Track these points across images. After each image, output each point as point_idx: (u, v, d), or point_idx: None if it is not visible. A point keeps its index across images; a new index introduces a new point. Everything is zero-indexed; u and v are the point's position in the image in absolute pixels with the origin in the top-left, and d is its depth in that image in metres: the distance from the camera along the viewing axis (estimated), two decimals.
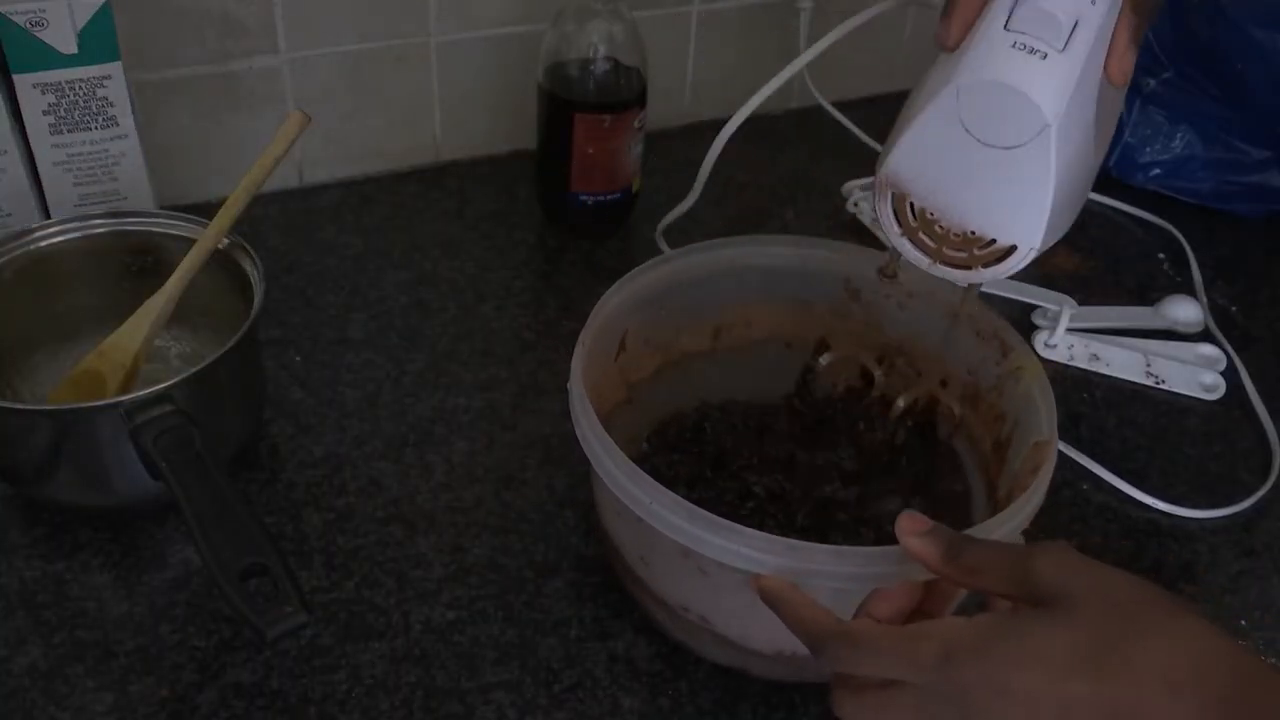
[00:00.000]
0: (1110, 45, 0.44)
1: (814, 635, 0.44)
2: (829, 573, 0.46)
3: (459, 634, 0.58)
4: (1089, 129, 0.46)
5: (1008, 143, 0.43)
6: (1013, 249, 0.46)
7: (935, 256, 0.49)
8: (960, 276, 0.48)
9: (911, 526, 0.44)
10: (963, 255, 0.48)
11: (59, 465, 0.58)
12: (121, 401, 0.55)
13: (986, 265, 0.47)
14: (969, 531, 0.46)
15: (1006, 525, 0.49)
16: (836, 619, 0.44)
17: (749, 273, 0.62)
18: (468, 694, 0.55)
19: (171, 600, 0.58)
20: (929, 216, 0.48)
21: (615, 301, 0.58)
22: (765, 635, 0.51)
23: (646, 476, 0.48)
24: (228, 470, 0.56)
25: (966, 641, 0.39)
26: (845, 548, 0.46)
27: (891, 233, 0.49)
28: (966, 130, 0.44)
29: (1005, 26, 0.43)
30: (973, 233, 0.47)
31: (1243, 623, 0.62)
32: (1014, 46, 0.43)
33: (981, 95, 0.44)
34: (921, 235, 0.49)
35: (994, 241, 0.47)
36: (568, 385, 0.53)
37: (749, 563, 0.46)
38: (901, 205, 0.49)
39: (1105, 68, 0.45)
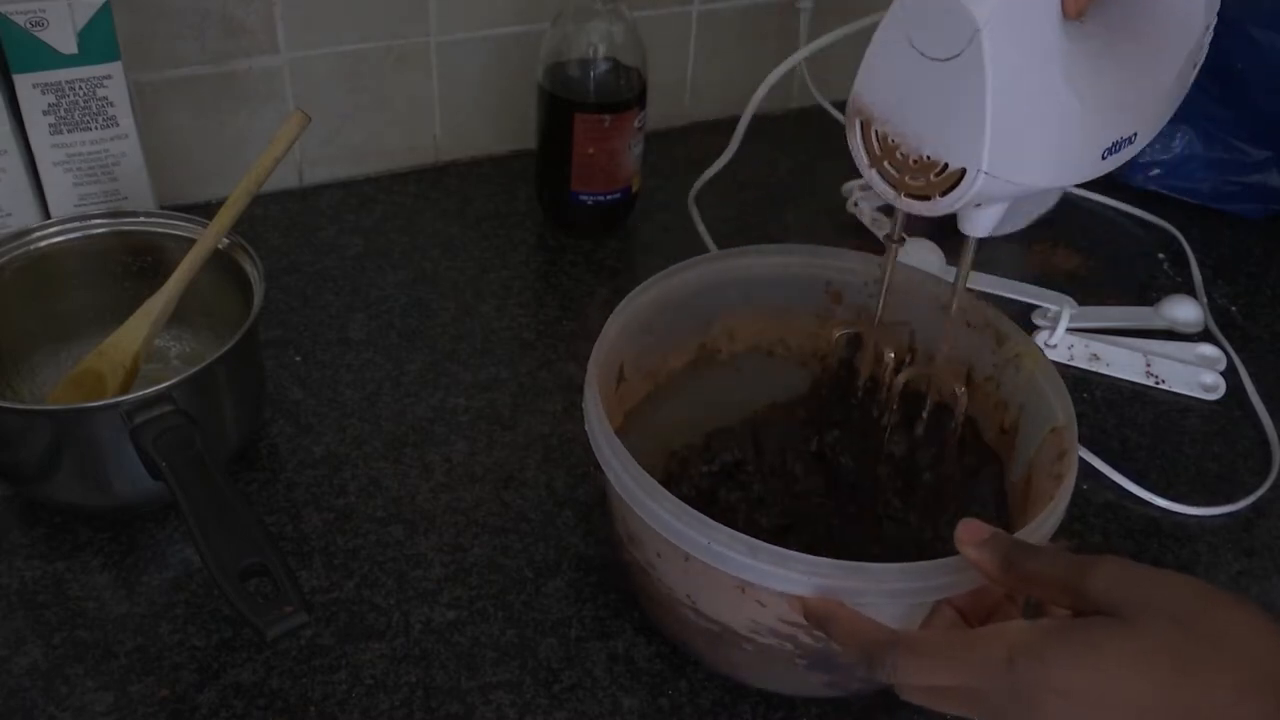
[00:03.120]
0: None
1: (872, 648, 0.44)
2: (893, 590, 0.46)
3: (459, 634, 0.58)
4: (1051, 61, 0.45)
5: (946, 53, 0.43)
6: (964, 173, 0.45)
7: (899, 187, 0.48)
8: (923, 207, 0.47)
9: (970, 535, 0.44)
10: (921, 184, 0.47)
11: (59, 465, 0.58)
12: (121, 401, 0.55)
13: (943, 193, 0.46)
14: (1020, 534, 0.46)
15: (1053, 517, 0.50)
16: (892, 630, 0.44)
17: (730, 286, 0.62)
18: (468, 694, 0.55)
19: (171, 600, 0.58)
20: (890, 143, 0.47)
21: (613, 332, 0.57)
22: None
23: (703, 517, 0.47)
24: (228, 470, 0.56)
25: (1030, 644, 0.39)
26: (908, 564, 0.46)
27: (861, 165, 0.49)
28: (912, 45, 0.44)
29: None
30: (927, 157, 0.46)
31: None
32: None
33: (919, 4, 0.44)
34: (886, 165, 0.48)
35: (946, 167, 0.46)
36: (585, 428, 0.52)
37: (816, 589, 0.46)
38: (868, 133, 0.48)
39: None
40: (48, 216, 0.74)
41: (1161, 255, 0.90)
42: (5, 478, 0.62)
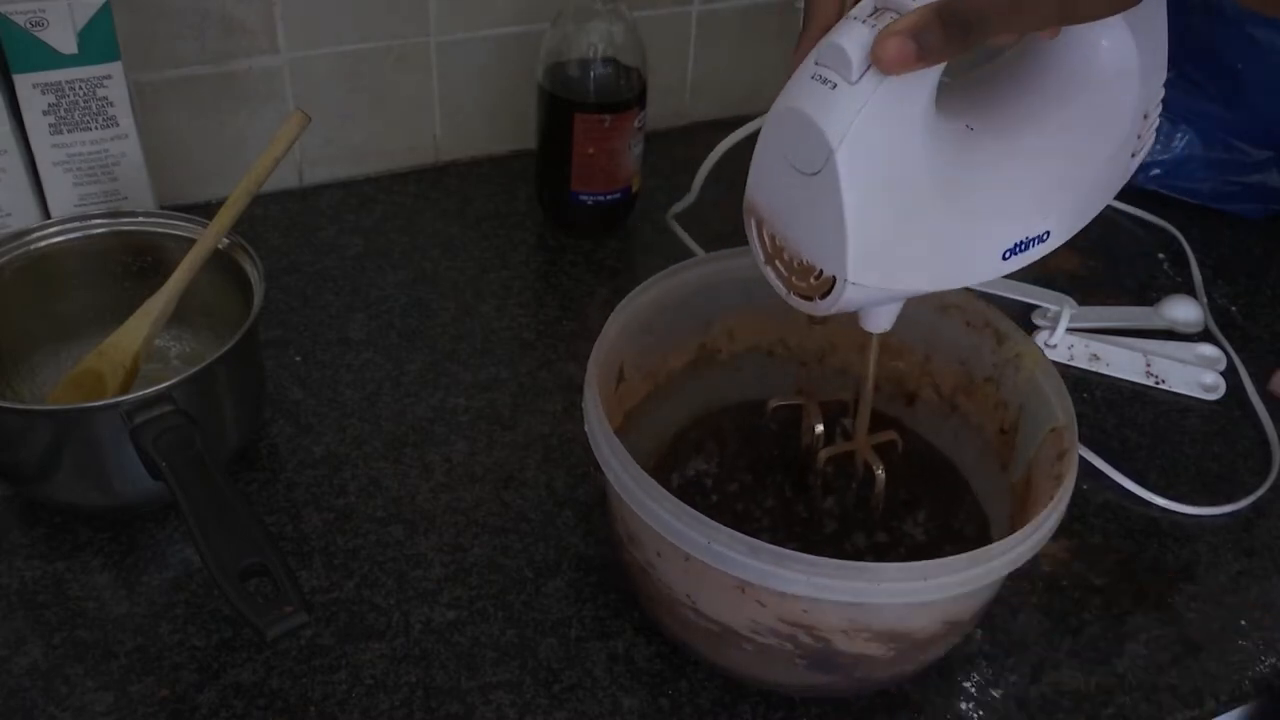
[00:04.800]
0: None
1: None
2: (893, 590, 0.46)
3: (459, 634, 0.58)
4: (920, 174, 0.45)
5: (810, 169, 0.44)
6: (834, 280, 0.46)
7: (788, 286, 0.49)
8: (806, 307, 0.48)
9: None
10: (804, 285, 0.48)
11: (59, 465, 0.58)
12: (121, 401, 0.55)
13: (822, 296, 0.47)
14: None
15: (1053, 516, 0.50)
16: None
17: (730, 286, 0.62)
18: (468, 694, 0.55)
19: (171, 600, 0.58)
20: (778, 245, 0.48)
21: (614, 332, 0.58)
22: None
23: (702, 517, 0.47)
24: (228, 470, 0.56)
25: None
26: (908, 564, 0.46)
27: (759, 262, 0.50)
28: (785, 157, 0.45)
29: (815, 61, 0.44)
30: (806, 262, 0.47)
31: (1243, 623, 0.62)
32: (812, 78, 0.44)
33: (786, 122, 0.45)
34: (777, 264, 0.49)
35: (822, 271, 0.47)
36: (585, 428, 0.53)
37: (818, 590, 0.46)
38: (761, 233, 0.49)
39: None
40: (48, 216, 0.74)
41: (1161, 255, 0.90)
42: (5, 478, 0.62)
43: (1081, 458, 0.70)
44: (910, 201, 0.45)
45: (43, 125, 0.71)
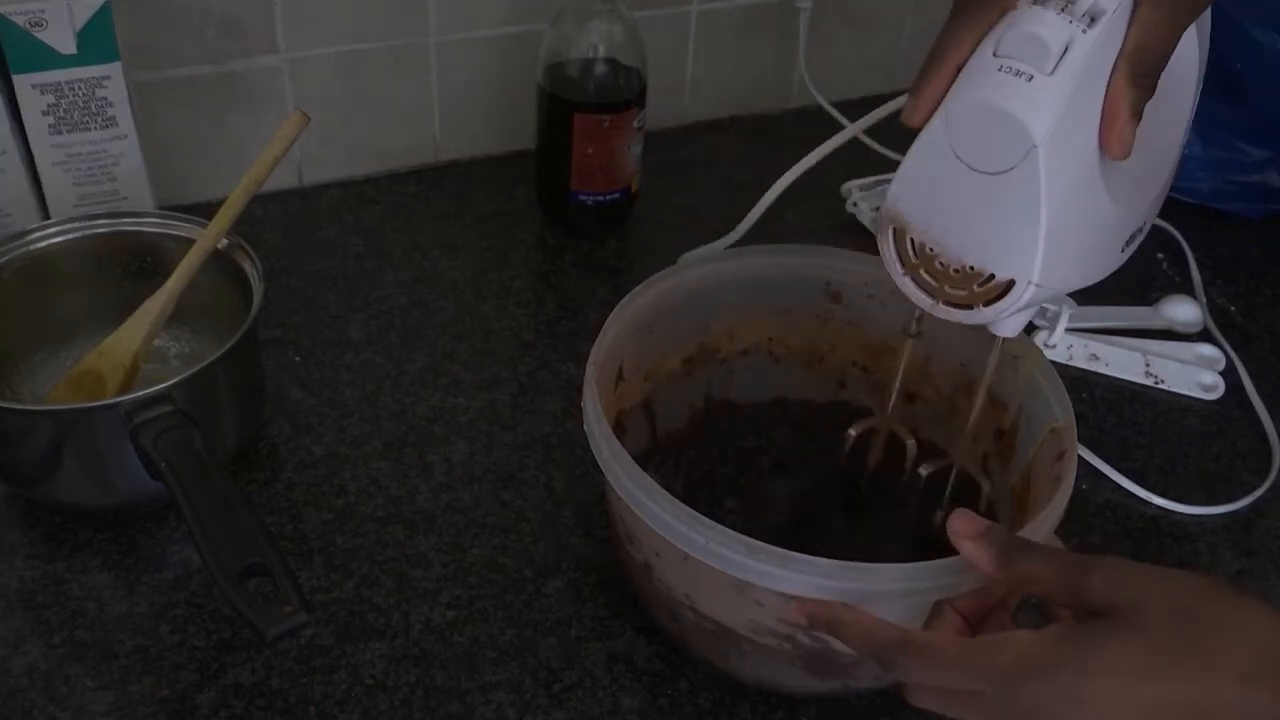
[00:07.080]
0: (1104, 119, 0.43)
1: (882, 649, 0.44)
2: (893, 590, 0.46)
3: (459, 634, 0.58)
4: (1093, 169, 0.44)
5: (997, 167, 0.42)
6: (1011, 284, 0.45)
7: (937, 296, 0.47)
8: (962, 316, 0.47)
9: (965, 528, 0.44)
10: (963, 293, 0.46)
11: (59, 465, 0.58)
12: (121, 401, 0.55)
13: (987, 303, 0.46)
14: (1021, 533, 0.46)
15: (1053, 517, 0.50)
16: (902, 630, 0.44)
17: (730, 286, 0.62)
18: (468, 694, 0.55)
19: (171, 600, 0.58)
20: (929, 252, 0.47)
21: (613, 332, 0.57)
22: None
23: (701, 517, 0.47)
24: (228, 470, 0.56)
25: (1037, 655, 0.40)
26: (908, 564, 0.46)
27: (895, 273, 0.48)
28: (958, 157, 0.43)
29: (994, 53, 0.42)
30: (971, 268, 0.45)
31: None
32: (1000, 70, 0.42)
33: (969, 119, 0.43)
34: (923, 273, 0.47)
35: (992, 277, 0.45)
36: (584, 427, 0.52)
37: (817, 590, 0.46)
38: (902, 242, 0.47)
39: (1101, 142, 0.43)
40: (48, 216, 0.74)
41: (1161, 255, 0.90)
42: (5, 478, 0.62)
43: (1081, 458, 0.70)
44: (1087, 198, 0.44)
45: (42, 125, 0.71)
